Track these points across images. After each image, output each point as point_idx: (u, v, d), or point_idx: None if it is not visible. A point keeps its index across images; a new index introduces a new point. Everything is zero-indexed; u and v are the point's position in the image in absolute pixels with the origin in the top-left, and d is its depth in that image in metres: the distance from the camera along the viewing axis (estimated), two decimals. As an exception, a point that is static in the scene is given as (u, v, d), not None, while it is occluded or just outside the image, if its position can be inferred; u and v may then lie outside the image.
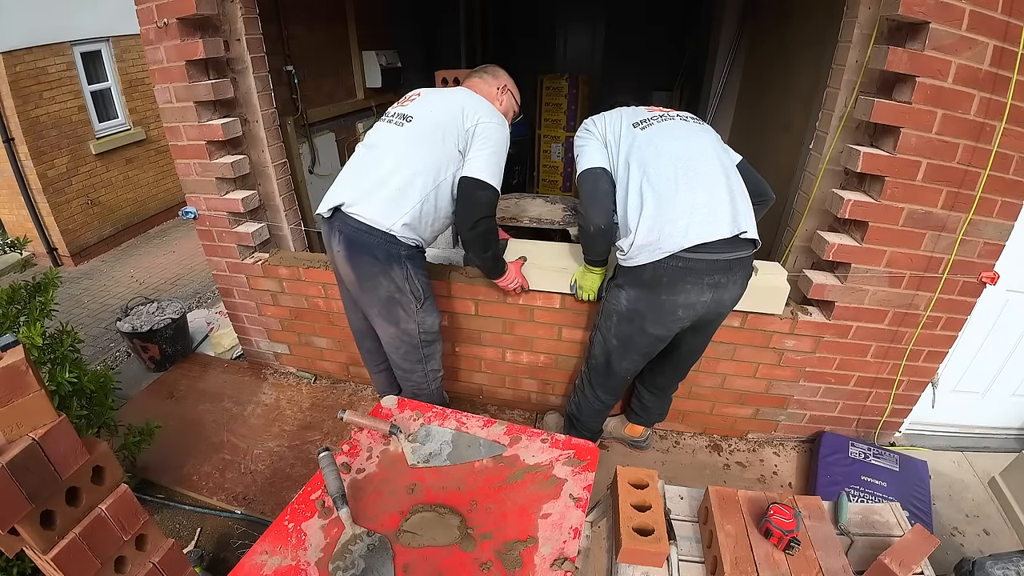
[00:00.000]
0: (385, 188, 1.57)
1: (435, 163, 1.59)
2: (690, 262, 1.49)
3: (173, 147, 2.20)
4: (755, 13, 3.94)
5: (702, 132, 1.62)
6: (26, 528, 0.94)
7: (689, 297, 1.55)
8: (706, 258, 1.49)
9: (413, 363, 1.83)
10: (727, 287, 1.55)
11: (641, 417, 2.12)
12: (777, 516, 1.16)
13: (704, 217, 1.48)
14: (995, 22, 1.46)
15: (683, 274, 1.51)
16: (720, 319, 1.71)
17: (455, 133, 1.58)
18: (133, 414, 2.28)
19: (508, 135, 1.66)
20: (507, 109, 1.80)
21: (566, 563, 0.99)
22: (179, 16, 1.89)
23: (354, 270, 1.64)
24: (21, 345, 0.96)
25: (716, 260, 1.50)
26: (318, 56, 3.59)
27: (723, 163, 1.56)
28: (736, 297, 1.61)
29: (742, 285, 1.60)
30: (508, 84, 1.81)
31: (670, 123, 1.61)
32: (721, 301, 1.58)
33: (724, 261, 1.50)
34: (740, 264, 1.54)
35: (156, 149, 5.25)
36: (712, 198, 1.49)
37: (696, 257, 1.49)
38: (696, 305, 1.57)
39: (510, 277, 1.90)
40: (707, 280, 1.52)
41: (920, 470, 2.06)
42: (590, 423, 2.04)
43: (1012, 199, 1.69)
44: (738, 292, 1.60)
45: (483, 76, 1.79)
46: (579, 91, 4.86)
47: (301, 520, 1.09)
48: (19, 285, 1.70)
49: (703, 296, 1.55)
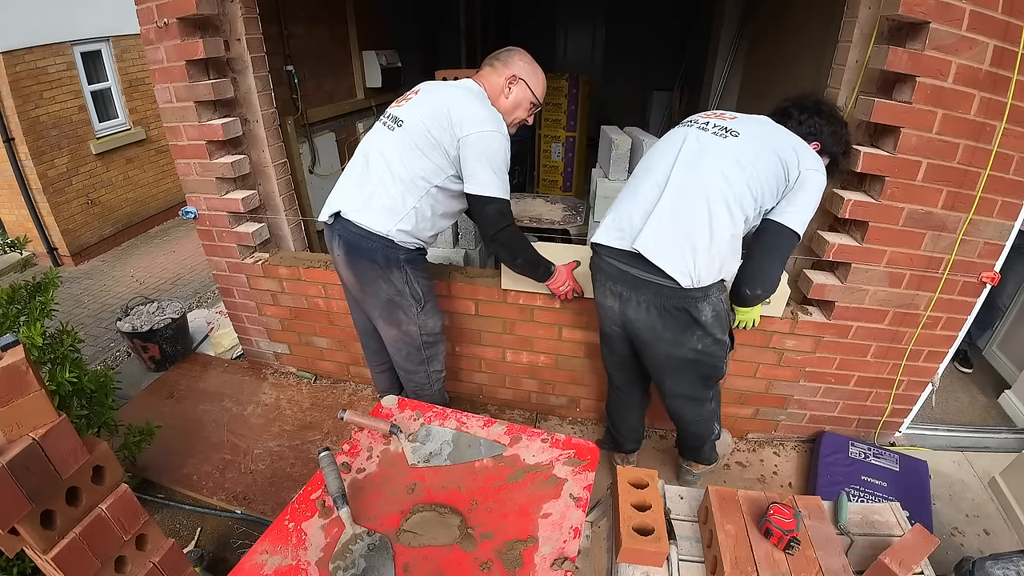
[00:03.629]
0: (378, 195, 1.57)
1: (425, 170, 1.54)
2: (599, 261, 1.58)
3: (173, 147, 2.20)
4: (755, 13, 3.95)
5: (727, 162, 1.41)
6: (26, 528, 0.94)
7: (602, 297, 1.60)
8: (611, 263, 1.53)
9: (415, 364, 1.83)
10: (631, 303, 1.51)
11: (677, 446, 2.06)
12: (777, 516, 1.16)
13: (618, 222, 1.52)
14: (995, 22, 1.46)
15: (595, 271, 1.61)
16: (649, 346, 1.57)
17: (444, 143, 1.52)
18: (133, 414, 2.28)
19: (503, 136, 1.54)
20: (516, 103, 1.64)
21: (566, 563, 0.99)
22: (179, 16, 1.89)
23: (355, 274, 1.65)
24: (21, 345, 0.96)
25: (620, 269, 1.50)
26: (318, 56, 3.59)
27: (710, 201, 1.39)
28: (648, 323, 1.51)
29: (655, 316, 1.48)
30: (520, 73, 1.61)
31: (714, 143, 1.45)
32: (628, 317, 1.54)
33: (630, 275, 1.47)
34: (647, 286, 1.45)
35: (156, 149, 5.25)
36: (635, 210, 1.49)
37: (603, 257, 1.55)
38: (606, 308, 1.61)
39: (560, 280, 1.82)
40: (610, 286, 1.55)
41: (920, 470, 2.06)
42: (616, 421, 2.03)
43: (1012, 199, 1.69)
44: (647, 319, 1.50)
45: (494, 64, 1.64)
46: (579, 91, 4.86)
47: (301, 520, 1.09)
48: (19, 285, 1.70)
49: (608, 301, 1.58)
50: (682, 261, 1.39)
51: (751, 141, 1.43)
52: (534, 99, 1.65)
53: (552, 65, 7.05)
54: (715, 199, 1.39)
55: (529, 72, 1.63)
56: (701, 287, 1.42)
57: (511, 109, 1.64)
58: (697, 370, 1.60)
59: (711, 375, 1.64)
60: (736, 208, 1.39)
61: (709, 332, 1.50)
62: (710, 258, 1.40)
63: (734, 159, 1.40)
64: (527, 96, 1.64)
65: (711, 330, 1.50)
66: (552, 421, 2.46)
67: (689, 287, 1.41)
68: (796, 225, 1.41)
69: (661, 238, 1.41)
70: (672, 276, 1.39)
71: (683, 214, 1.41)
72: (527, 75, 1.62)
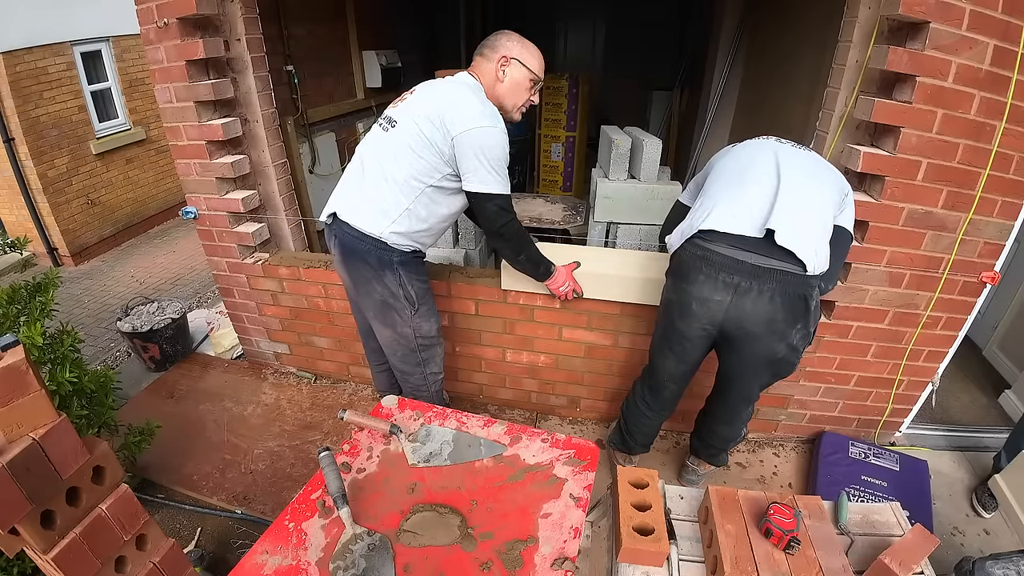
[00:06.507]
0: (371, 197, 1.57)
1: (418, 171, 1.53)
2: (707, 252, 1.44)
3: (173, 147, 2.20)
4: (755, 13, 3.94)
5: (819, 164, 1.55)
6: (26, 528, 0.94)
7: (702, 290, 1.46)
8: (725, 252, 1.41)
9: (411, 366, 1.83)
10: (750, 294, 1.41)
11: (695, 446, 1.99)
12: (777, 516, 1.16)
13: (732, 208, 1.44)
14: (995, 22, 1.46)
15: (697, 263, 1.46)
16: (754, 341, 1.49)
17: (437, 142, 1.50)
18: (133, 414, 2.28)
19: (500, 131, 1.51)
20: (515, 82, 1.58)
21: (566, 563, 0.99)
22: (179, 16, 1.89)
23: (349, 275, 1.67)
24: (21, 345, 0.95)
25: (738, 260, 1.40)
26: (318, 56, 3.59)
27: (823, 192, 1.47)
28: (766, 315, 1.42)
29: (778, 305, 1.41)
30: (511, 52, 1.56)
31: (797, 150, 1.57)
32: (743, 310, 1.43)
33: (749, 264, 1.39)
34: (772, 276, 1.38)
35: (156, 149, 5.25)
36: (757, 197, 1.43)
37: (713, 248, 1.43)
38: (709, 303, 1.47)
39: (559, 280, 1.82)
40: (722, 277, 1.43)
41: (920, 470, 2.06)
42: (633, 427, 1.93)
43: (1012, 199, 1.69)
44: (768, 309, 1.41)
45: (483, 52, 1.59)
46: (579, 91, 4.86)
47: (301, 520, 1.09)
48: (19, 285, 1.70)
49: (716, 294, 1.45)
50: (812, 246, 1.39)
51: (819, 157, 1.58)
52: (532, 75, 1.59)
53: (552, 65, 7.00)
54: (826, 192, 1.48)
55: (520, 49, 1.57)
56: (818, 274, 1.41)
57: (511, 92, 1.60)
58: (779, 368, 1.57)
59: (784, 373, 1.60)
60: (837, 203, 1.50)
61: (809, 323, 1.47)
62: (827, 246, 1.44)
63: (821, 164, 1.55)
64: (524, 74, 1.58)
65: (812, 322, 1.47)
66: (552, 421, 2.46)
67: (811, 274, 1.39)
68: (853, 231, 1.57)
69: (793, 222, 1.38)
70: (803, 260, 1.36)
71: (805, 202, 1.43)
72: (518, 53, 1.57)
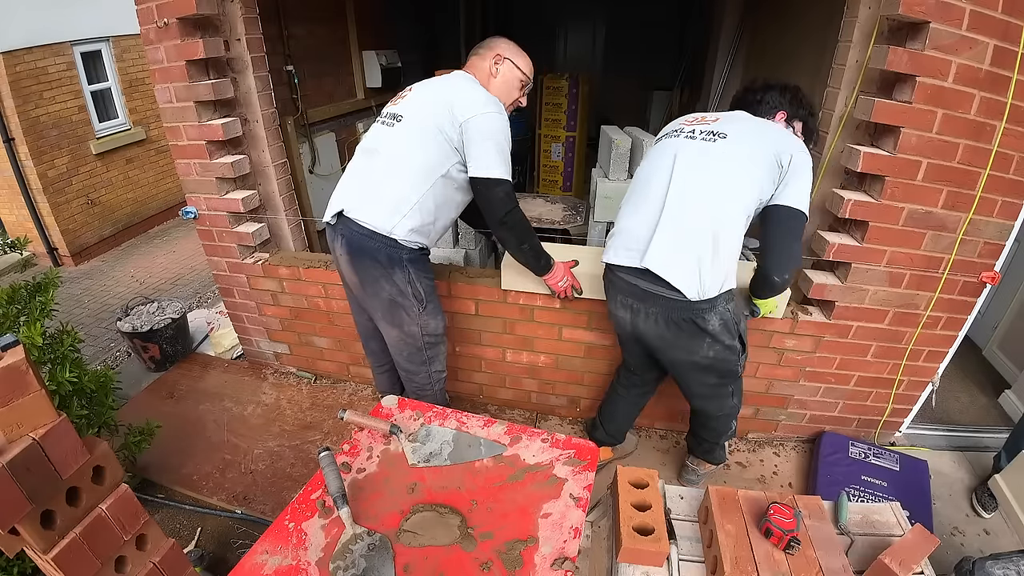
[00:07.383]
0: (380, 193, 1.57)
1: (427, 163, 1.55)
2: (611, 276, 1.64)
3: (173, 147, 2.20)
4: (755, 13, 3.95)
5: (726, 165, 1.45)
6: (26, 528, 0.94)
7: (614, 307, 1.67)
8: (623, 276, 1.58)
9: (417, 365, 1.83)
10: (640, 315, 1.57)
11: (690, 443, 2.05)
12: (777, 516, 1.16)
13: (624, 241, 1.57)
14: (995, 22, 1.46)
15: (608, 285, 1.69)
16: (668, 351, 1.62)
17: (446, 130, 1.54)
18: (133, 414, 2.28)
19: (504, 119, 1.57)
20: (507, 80, 1.68)
21: (566, 563, 0.99)
22: (179, 16, 1.89)
23: (357, 273, 1.65)
24: (21, 345, 0.96)
25: (631, 283, 1.55)
26: (318, 56, 3.59)
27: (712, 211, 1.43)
28: (655, 333, 1.57)
29: (664, 327, 1.54)
30: (504, 52, 1.66)
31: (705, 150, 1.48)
32: (639, 328, 1.61)
33: (639, 288, 1.53)
34: (656, 299, 1.50)
35: (156, 149, 5.25)
36: (640, 227, 1.52)
37: (614, 273, 1.62)
38: (619, 319, 1.67)
39: (558, 276, 1.84)
40: (620, 299, 1.62)
41: (920, 470, 2.06)
42: (605, 407, 2.09)
43: (1012, 199, 1.69)
44: (654, 328, 1.56)
45: (478, 52, 1.70)
46: (579, 90, 4.86)
47: (301, 520, 1.09)
48: (19, 285, 1.70)
49: (619, 312, 1.65)
50: (689, 275, 1.44)
51: (740, 140, 1.47)
52: (523, 76, 1.69)
53: (552, 65, 7.05)
54: (717, 209, 1.44)
55: (512, 51, 1.69)
56: (707, 299, 1.47)
57: (503, 89, 1.68)
58: (712, 372, 1.64)
59: (727, 375, 1.67)
60: (739, 211, 1.44)
61: (718, 340, 1.54)
62: (715, 271, 1.44)
63: (730, 162, 1.45)
64: (515, 74, 1.69)
65: (720, 338, 1.54)
66: (552, 421, 2.46)
67: (696, 300, 1.45)
68: (802, 205, 1.44)
69: (668, 253, 1.46)
70: (679, 289, 1.44)
71: (687, 228, 1.45)
72: (511, 53, 1.68)
